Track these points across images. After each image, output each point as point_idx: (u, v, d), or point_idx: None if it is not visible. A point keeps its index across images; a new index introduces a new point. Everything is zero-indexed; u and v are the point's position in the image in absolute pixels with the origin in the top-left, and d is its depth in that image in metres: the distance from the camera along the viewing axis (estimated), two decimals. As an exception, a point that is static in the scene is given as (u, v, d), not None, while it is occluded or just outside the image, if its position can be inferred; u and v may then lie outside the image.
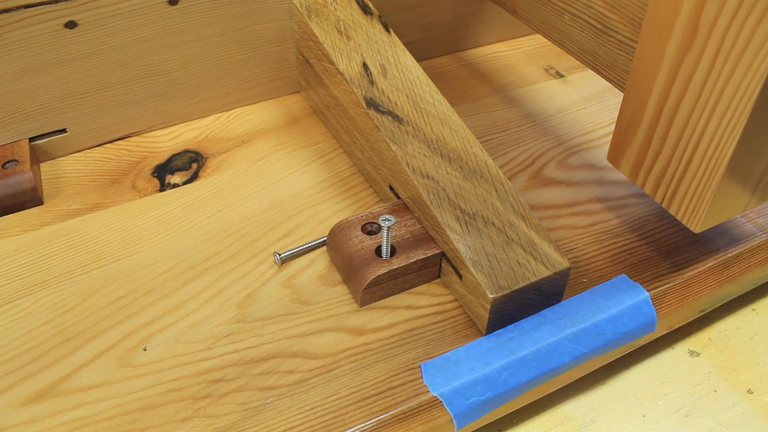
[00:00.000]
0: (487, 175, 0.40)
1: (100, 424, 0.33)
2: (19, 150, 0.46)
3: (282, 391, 0.34)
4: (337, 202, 0.46)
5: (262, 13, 0.50)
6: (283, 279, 0.40)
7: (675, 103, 0.33)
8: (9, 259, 0.41)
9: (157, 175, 0.48)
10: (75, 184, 0.47)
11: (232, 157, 0.50)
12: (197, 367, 0.36)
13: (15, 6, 0.42)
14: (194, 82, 0.51)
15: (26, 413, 0.33)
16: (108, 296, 0.39)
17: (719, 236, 0.43)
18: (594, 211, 0.45)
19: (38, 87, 0.46)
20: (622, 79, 0.38)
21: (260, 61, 0.53)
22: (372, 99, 0.43)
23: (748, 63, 0.29)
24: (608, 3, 0.38)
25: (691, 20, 0.31)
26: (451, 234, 0.37)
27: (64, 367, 0.36)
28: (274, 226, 0.44)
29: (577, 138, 0.52)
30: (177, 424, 0.33)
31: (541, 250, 0.36)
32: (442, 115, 0.43)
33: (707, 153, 0.33)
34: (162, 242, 0.43)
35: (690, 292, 0.40)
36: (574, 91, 0.58)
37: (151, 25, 0.47)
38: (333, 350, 0.36)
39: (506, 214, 0.38)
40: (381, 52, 0.47)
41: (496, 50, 0.63)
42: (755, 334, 0.43)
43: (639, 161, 0.37)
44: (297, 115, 0.54)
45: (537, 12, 0.44)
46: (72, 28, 0.44)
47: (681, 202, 0.35)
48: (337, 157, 0.50)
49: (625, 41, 0.37)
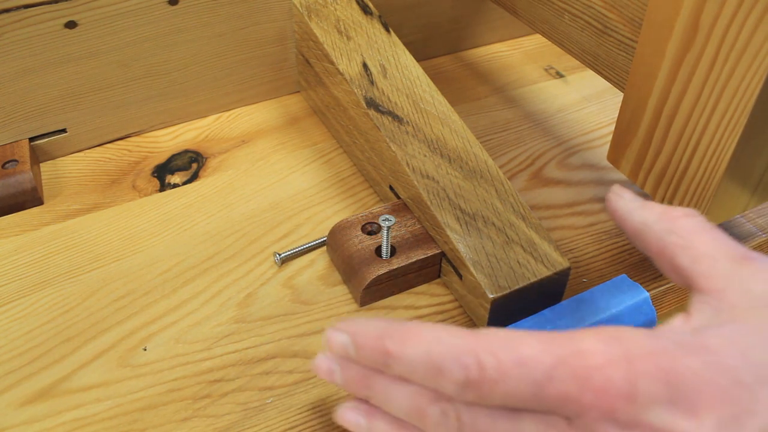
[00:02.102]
0: (487, 175, 0.40)
1: (100, 424, 0.33)
2: (19, 150, 0.46)
3: (282, 391, 0.34)
4: (337, 202, 0.46)
5: (262, 13, 0.50)
6: (283, 279, 0.40)
7: (675, 103, 0.33)
8: (9, 259, 0.41)
9: (157, 175, 0.48)
10: (75, 184, 0.47)
11: (232, 157, 0.50)
12: (197, 367, 0.36)
13: (15, 6, 0.42)
14: (194, 82, 0.51)
15: (26, 413, 0.33)
16: (108, 296, 0.39)
17: (719, 236, 0.43)
18: (594, 211, 0.45)
19: (38, 87, 0.46)
20: (622, 79, 0.38)
21: (260, 61, 0.53)
22: (372, 99, 0.43)
23: (748, 63, 0.29)
24: (608, 3, 0.38)
25: (691, 20, 0.31)
26: (451, 234, 0.37)
27: (64, 367, 0.36)
28: (274, 226, 0.44)
29: (577, 138, 0.52)
30: (177, 424, 0.33)
31: (541, 250, 0.36)
32: (442, 115, 0.43)
33: (707, 153, 0.33)
34: (162, 242, 0.43)
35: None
36: (574, 91, 0.58)
37: (151, 25, 0.47)
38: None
39: (506, 214, 0.38)
40: (381, 52, 0.47)
41: (496, 50, 0.63)
42: (755, 334, 0.43)
43: (639, 161, 0.37)
44: (297, 115, 0.54)
45: (537, 12, 0.44)
46: (72, 28, 0.44)
47: (681, 202, 0.35)
48: (337, 157, 0.50)
49: (625, 41, 0.37)
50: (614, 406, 0.22)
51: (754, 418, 0.21)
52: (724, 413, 0.21)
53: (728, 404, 0.21)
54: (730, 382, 0.21)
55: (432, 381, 0.24)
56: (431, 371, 0.24)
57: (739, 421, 0.21)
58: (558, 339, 0.23)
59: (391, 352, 0.25)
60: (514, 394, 0.23)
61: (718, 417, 0.21)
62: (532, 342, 0.23)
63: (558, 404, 0.23)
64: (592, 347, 0.23)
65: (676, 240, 0.26)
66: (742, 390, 0.21)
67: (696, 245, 0.26)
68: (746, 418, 0.21)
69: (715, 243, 0.26)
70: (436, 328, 0.25)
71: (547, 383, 0.22)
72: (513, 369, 0.23)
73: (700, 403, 0.21)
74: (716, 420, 0.21)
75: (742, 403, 0.21)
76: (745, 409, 0.21)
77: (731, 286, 0.24)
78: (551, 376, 0.22)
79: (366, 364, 0.26)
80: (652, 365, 0.22)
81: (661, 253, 0.27)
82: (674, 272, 0.27)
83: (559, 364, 0.23)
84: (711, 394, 0.21)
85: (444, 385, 0.24)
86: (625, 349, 0.22)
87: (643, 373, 0.22)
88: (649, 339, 0.23)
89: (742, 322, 0.23)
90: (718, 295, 0.24)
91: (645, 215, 0.28)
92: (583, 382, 0.22)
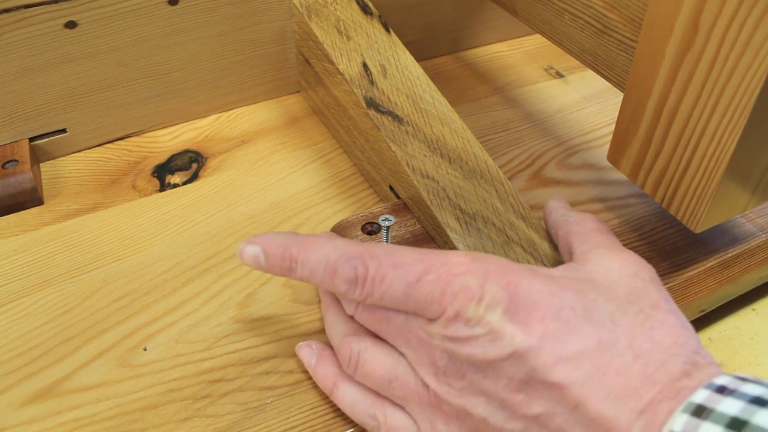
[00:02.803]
0: (487, 175, 0.40)
1: (100, 424, 0.33)
2: (19, 150, 0.46)
3: (282, 391, 0.34)
4: (337, 202, 0.46)
5: (262, 13, 0.50)
6: (283, 279, 0.40)
7: (675, 103, 0.33)
8: (9, 259, 0.41)
9: (157, 175, 0.48)
10: (75, 184, 0.47)
11: (232, 157, 0.50)
12: (197, 367, 0.36)
13: (15, 6, 0.42)
14: (194, 82, 0.51)
15: (26, 413, 0.33)
16: (108, 296, 0.39)
17: (719, 236, 0.43)
18: (594, 211, 0.45)
19: (38, 87, 0.46)
20: (622, 79, 0.38)
21: (260, 61, 0.53)
22: (372, 99, 0.43)
23: (748, 63, 0.29)
24: (608, 3, 0.38)
25: (691, 20, 0.31)
26: (451, 234, 0.37)
27: (64, 367, 0.36)
28: (274, 226, 0.44)
29: (577, 138, 0.52)
30: (177, 424, 0.33)
31: (541, 250, 0.36)
32: (442, 115, 0.43)
33: (707, 153, 0.33)
34: (162, 242, 0.43)
35: (690, 292, 0.40)
36: (574, 91, 0.58)
37: (151, 25, 0.47)
38: (333, 350, 0.36)
39: (506, 214, 0.38)
40: (381, 52, 0.47)
41: (496, 50, 0.63)
42: (755, 334, 0.43)
43: (639, 161, 0.37)
44: (297, 115, 0.54)
45: (537, 12, 0.44)
46: (72, 28, 0.44)
47: (681, 202, 0.35)
48: (337, 157, 0.50)
49: (625, 41, 0.37)
50: (465, 306, 0.26)
51: (575, 340, 0.25)
52: (550, 329, 0.25)
53: (556, 322, 0.25)
54: (563, 307, 0.26)
55: (329, 281, 0.29)
56: (328, 272, 0.29)
57: (560, 339, 0.25)
58: (431, 252, 0.28)
59: (295, 258, 0.30)
60: (389, 293, 0.28)
61: (544, 330, 0.25)
62: (408, 251, 0.29)
63: (423, 305, 0.27)
64: (457, 260, 0.28)
65: (577, 229, 0.33)
66: (570, 315, 0.26)
67: (590, 236, 0.32)
68: (567, 337, 0.25)
69: (600, 237, 0.32)
70: (332, 238, 0.31)
71: (416, 284, 0.27)
72: (390, 270, 0.28)
73: (533, 314, 0.26)
74: (542, 332, 0.25)
75: (568, 326, 0.25)
76: (569, 330, 0.25)
77: (595, 258, 0.30)
78: (420, 278, 0.27)
79: (275, 271, 0.31)
80: (503, 278, 0.27)
81: (564, 237, 0.34)
82: (568, 253, 0.33)
83: (428, 270, 0.27)
84: (544, 311, 0.26)
85: (337, 284, 0.29)
86: (484, 264, 0.27)
87: (494, 281, 0.26)
88: (508, 262, 0.28)
89: (591, 279, 0.28)
90: (583, 260, 0.30)
91: (567, 214, 0.36)
92: (445, 286, 0.27)
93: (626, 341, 0.25)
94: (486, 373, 0.27)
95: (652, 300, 0.27)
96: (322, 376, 0.33)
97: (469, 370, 0.27)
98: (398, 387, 0.30)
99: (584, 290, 0.27)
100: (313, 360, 0.34)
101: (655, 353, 0.25)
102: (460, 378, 0.27)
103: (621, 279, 0.28)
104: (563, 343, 0.25)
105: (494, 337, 0.26)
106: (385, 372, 0.30)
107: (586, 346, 0.25)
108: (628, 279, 0.28)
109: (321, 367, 0.33)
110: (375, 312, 0.30)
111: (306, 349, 0.34)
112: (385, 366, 0.30)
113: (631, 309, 0.26)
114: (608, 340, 0.25)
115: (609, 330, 0.25)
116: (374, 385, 0.31)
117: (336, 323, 0.34)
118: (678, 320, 0.27)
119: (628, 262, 0.29)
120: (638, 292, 0.27)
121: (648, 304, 0.27)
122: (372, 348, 0.31)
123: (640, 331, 0.25)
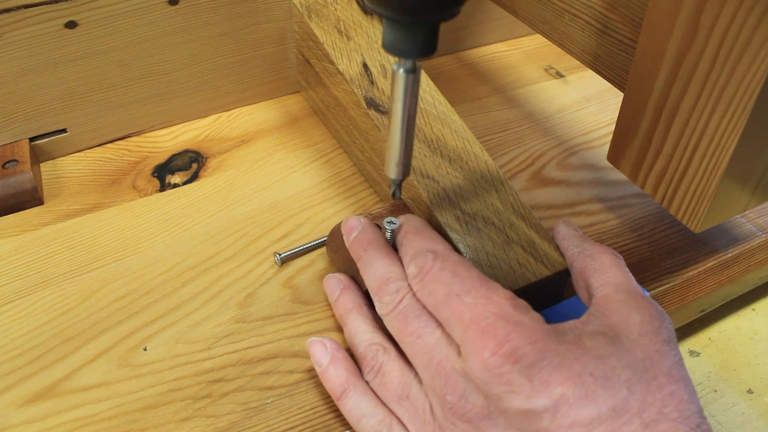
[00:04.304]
0: (487, 175, 0.40)
1: (100, 424, 0.33)
2: (19, 150, 0.46)
3: (282, 391, 0.34)
4: (337, 202, 0.46)
5: (262, 13, 0.50)
6: (283, 279, 0.40)
7: (675, 103, 0.33)
8: (9, 259, 0.41)
9: (157, 175, 0.48)
10: (75, 184, 0.47)
11: (232, 157, 0.50)
12: (197, 367, 0.36)
13: (15, 6, 0.42)
14: (194, 82, 0.51)
15: (26, 413, 0.33)
16: (108, 296, 0.39)
17: (719, 236, 0.43)
18: (594, 211, 0.45)
19: (38, 87, 0.46)
20: (622, 79, 0.38)
21: (260, 61, 0.53)
22: (372, 99, 0.43)
23: (748, 63, 0.29)
24: (608, 3, 0.38)
25: (691, 20, 0.31)
26: (451, 234, 0.37)
27: (64, 367, 0.36)
28: (274, 226, 0.44)
29: (577, 138, 0.52)
30: (177, 424, 0.33)
31: (542, 250, 0.36)
32: (442, 115, 0.43)
33: (707, 153, 0.33)
34: (162, 242, 0.43)
35: (690, 292, 0.40)
36: (574, 91, 0.58)
37: (151, 25, 0.47)
38: (333, 350, 0.36)
39: (506, 214, 0.38)
40: (381, 52, 0.47)
41: (496, 50, 0.63)
42: (755, 334, 0.43)
43: (639, 161, 0.37)
44: (297, 115, 0.54)
45: (537, 12, 0.44)
46: (72, 28, 0.44)
47: (681, 202, 0.35)
48: (337, 157, 0.50)
49: (625, 41, 0.37)
50: (495, 351, 0.27)
51: (591, 406, 0.26)
52: (568, 393, 0.26)
53: (575, 388, 0.26)
54: (584, 373, 0.26)
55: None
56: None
57: (577, 404, 0.26)
58: (483, 280, 0.30)
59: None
60: (435, 294, 0.30)
61: (563, 394, 0.26)
62: (469, 265, 0.31)
63: (451, 322, 0.29)
64: (499, 300, 0.29)
65: (594, 265, 0.33)
66: (590, 381, 0.26)
67: (607, 274, 0.32)
68: (584, 402, 0.26)
69: (619, 276, 0.32)
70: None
71: (455, 297, 0.29)
72: (446, 275, 0.30)
73: (555, 376, 0.26)
74: (560, 395, 0.26)
75: (587, 391, 0.26)
76: (587, 395, 0.26)
77: (616, 309, 0.30)
78: (459, 294, 0.29)
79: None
80: (532, 335, 0.27)
81: (581, 271, 0.34)
82: (585, 288, 0.33)
83: (469, 290, 0.29)
84: (566, 375, 0.26)
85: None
86: (520, 314, 0.28)
87: (523, 335, 0.27)
88: (541, 323, 0.28)
89: (612, 336, 0.28)
90: (604, 308, 0.30)
91: (582, 245, 0.35)
92: (475, 324, 0.28)
93: (637, 409, 0.26)
94: (495, 422, 0.27)
95: (665, 367, 0.28)
96: (333, 378, 0.33)
97: (477, 416, 0.27)
98: (407, 407, 0.31)
99: (605, 357, 0.27)
100: (326, 360, 0.33)
101: (661, 425, 0.26)
102: (466, 420, 0.28)
103: (641, 338, 0.28)
104: (580, 408, 0.26)
105: (512, 389, 0.26)
106: (399, 388, 0.31)
107: (600, 413, 0.26)
108: (648, 339, 0.28)
109: (333, 368, 0.33)
110: (408, 323, 0.31)
111: (319, 346, 0.34)
112: (401, 382, 0.31)
113: (645, 377, 0.27)
114: (621, 408, 0.26)
115: (623, 398, 0.26)
116: (387, 396, 0.31)
117: (362, 330, 0.34)
118: (686, 390, 0.27)
119: (650, 316, 0.29)
120: (655, 357, 0.28)
121: (662, 371, 0.27)
122: (396, 360, 0.32)
123: (650, 402, 0.26)
